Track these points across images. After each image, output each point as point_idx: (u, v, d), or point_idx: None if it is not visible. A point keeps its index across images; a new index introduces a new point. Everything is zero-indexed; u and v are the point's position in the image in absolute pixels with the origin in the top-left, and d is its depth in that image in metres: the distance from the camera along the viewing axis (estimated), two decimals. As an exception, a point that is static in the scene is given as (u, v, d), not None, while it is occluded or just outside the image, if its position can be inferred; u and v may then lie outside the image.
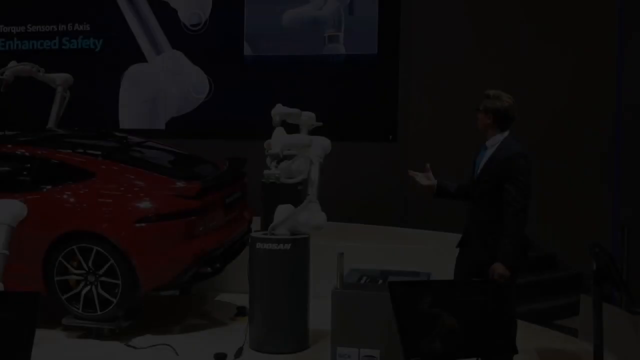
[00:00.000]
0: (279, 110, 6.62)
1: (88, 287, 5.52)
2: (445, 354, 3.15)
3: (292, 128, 6.39)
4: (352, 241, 7.55)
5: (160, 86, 10.10)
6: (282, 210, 5.39)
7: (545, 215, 8.35)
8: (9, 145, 6.18)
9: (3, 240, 4.63)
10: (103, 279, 5.48)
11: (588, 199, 8.22)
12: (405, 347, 3.10)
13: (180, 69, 10.01)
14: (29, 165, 5.90)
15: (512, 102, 4.35)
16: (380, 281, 5.00)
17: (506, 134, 4.38)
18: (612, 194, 7.94)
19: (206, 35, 9.89)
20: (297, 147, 5.47)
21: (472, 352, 3.20)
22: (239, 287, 6.50)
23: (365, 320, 4.73)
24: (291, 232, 5.36)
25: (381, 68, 9.27)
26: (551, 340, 5.92)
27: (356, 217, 8.31)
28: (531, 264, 8.03)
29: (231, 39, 9.75)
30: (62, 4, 10.41)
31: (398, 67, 9.14)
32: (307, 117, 6.84)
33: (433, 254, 6.47)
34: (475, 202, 4.38)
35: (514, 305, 4.38)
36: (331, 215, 5.59)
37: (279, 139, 5.43)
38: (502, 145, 4.33)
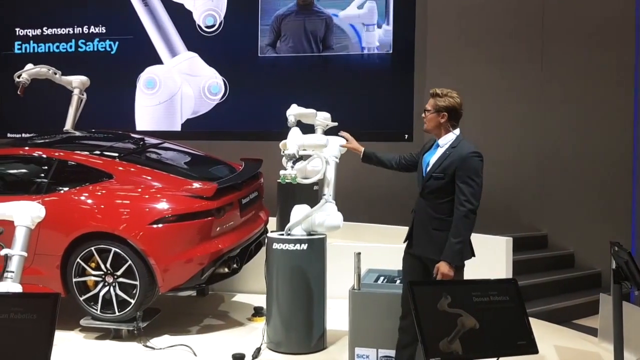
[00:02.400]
0: (294, 111, 6.63)
1: (106, 288, 5.55)
2: (465, 355, 3.12)
3: (307, 128, 6.38)
4: (369, 241, 7.54)
5: (176, 88, 10.13)
6: (299, 211, 5.39)
7: (564, 215, 8.32)
8: (27, 148, 6.23)
9: (21, 242, 4.65)
10: (121, 280, 5.51)
11: (607, 198, 8.16)
12: (424, 348, 3.08)
13: (196, 71, 10.05)
14: (46, 167, 5.93)
15: (461, 98, 4.32)
16: (398, 281, 4.97)
17: (457, 131, 4.34)
18: (631, 192, 7.87)
19: (221, 37, 9.92)
20: (313, 147, 5.45)
21: (493, 352, 3.17)
22: (256, 287, 6.52)
23: (383, 321, 4.71)
24: (307, 232, 5.35)
25: (397, 67, 9.25)
26: (570, 340, 5.88)
27: (373, 217, 8.29)
28: (550, 263, 8.03)
29: (246, 39, 9.77)
30: (78, 7, 10.48)
31: (414, 66, 9.11)
32: (323, 118, 6.85)
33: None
34: (424, 197, 4.33)
35: None
36: (347, 216, 5.57)
37: (294, 140, 5.40)
38: (456, 143, 4.29)
